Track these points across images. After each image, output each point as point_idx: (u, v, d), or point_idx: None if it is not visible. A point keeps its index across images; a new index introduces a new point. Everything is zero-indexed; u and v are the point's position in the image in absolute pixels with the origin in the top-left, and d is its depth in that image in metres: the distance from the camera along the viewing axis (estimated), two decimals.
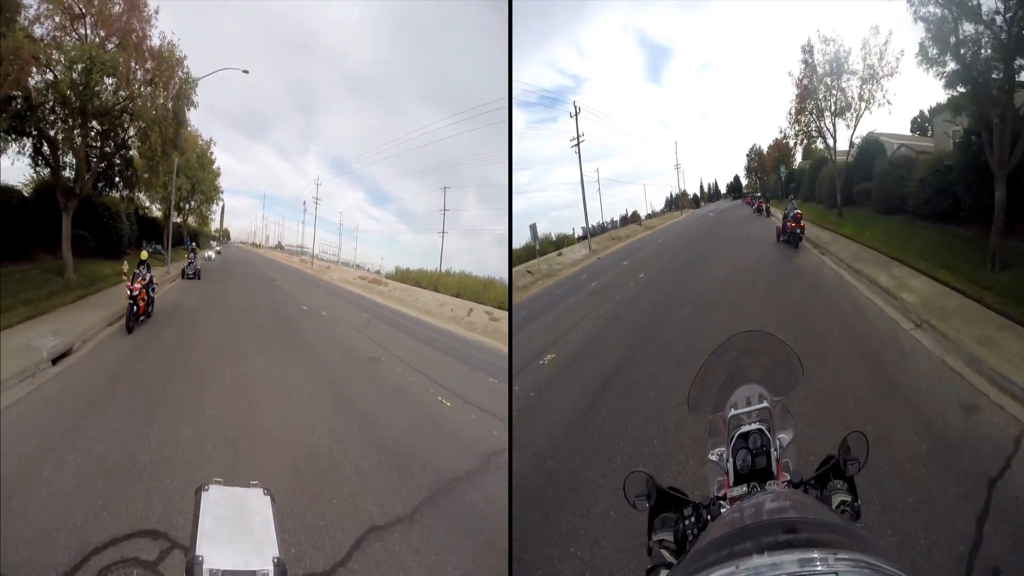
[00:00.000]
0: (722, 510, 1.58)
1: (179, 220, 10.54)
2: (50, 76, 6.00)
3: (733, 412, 1.84)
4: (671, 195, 14.49)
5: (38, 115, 6.26)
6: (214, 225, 12.25)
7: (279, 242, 14.51)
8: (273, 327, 8.68)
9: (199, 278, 10.01)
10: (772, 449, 1.70)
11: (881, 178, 9.49)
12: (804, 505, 1.34)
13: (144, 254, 7.36)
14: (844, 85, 9.31)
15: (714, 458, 1.88)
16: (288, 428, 5.21)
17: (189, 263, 10.01)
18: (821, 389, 4.89)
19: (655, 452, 4.54)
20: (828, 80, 9.46)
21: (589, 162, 11.89)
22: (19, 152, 6.45)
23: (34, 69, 5.87)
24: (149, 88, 6.92)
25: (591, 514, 4.05)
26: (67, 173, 6.91)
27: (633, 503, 1.71)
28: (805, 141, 10.86)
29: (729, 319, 7.09)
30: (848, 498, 1.63)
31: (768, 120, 11.63)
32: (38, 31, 5.85)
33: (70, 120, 6.49)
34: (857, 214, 9.94)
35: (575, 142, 11.31)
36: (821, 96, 9.62)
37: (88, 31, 6.26)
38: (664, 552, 1.60)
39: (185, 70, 7.19)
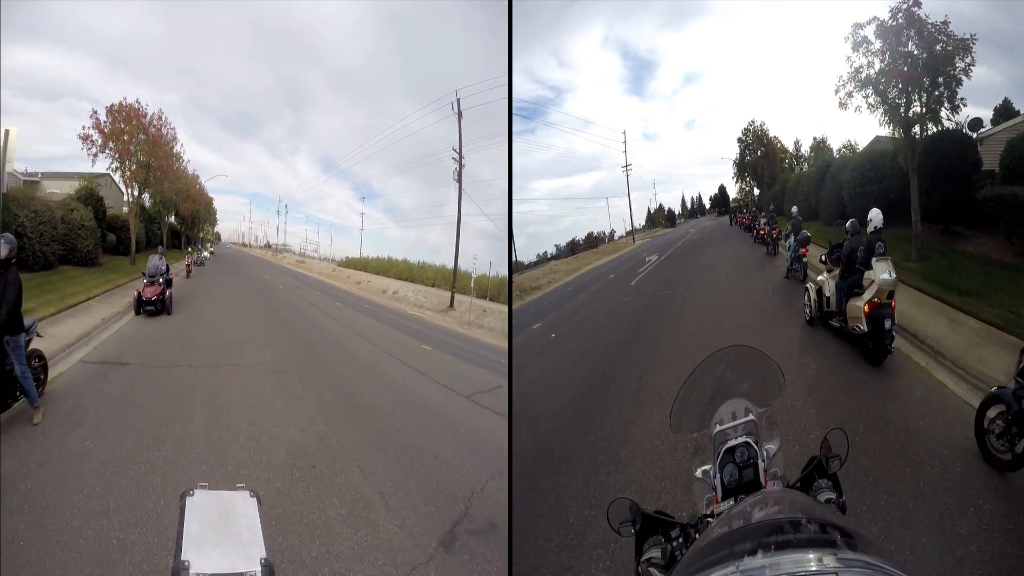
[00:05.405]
0: None
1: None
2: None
3: (719, 428, 1.82)
4: (649, 210, 13.48)
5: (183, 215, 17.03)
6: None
7: (267, 242, 17.96)
8: (236, 270, 19.74)
9: (204, 265, 20.32)
10: (759, 460, 1.69)
11: None
12: (803, 505, 1.34)
13: (190, 249, 18.02)
14: None
15: (700, 475, 1.88)
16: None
17: (198, 256, 20.46)
18: None
19: None
20: None
21: (571, 176, 11.95)
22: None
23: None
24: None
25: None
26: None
27: (618, 530, 1.69)
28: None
29: None
30: (833, 495, 1.64)
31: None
32: None
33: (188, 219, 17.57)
34: None
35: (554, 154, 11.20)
36: None
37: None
38: (653, 570, 1.58)
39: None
